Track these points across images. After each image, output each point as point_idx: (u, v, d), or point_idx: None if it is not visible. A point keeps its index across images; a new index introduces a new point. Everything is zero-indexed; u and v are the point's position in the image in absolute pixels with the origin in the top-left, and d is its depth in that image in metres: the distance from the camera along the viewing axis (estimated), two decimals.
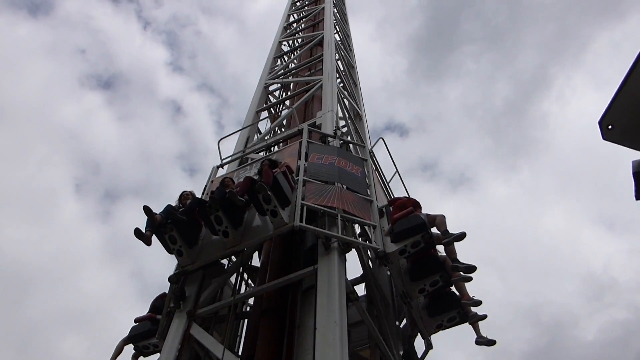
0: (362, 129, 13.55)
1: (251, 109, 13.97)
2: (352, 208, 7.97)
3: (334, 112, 11.26)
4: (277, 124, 13.11)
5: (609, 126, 3.33)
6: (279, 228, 7.39)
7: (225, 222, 7.45)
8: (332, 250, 7.27)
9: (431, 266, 7.88)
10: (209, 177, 10.45)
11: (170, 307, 7.84)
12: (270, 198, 7.19)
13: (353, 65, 17.78)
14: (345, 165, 9.02)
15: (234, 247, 7.63)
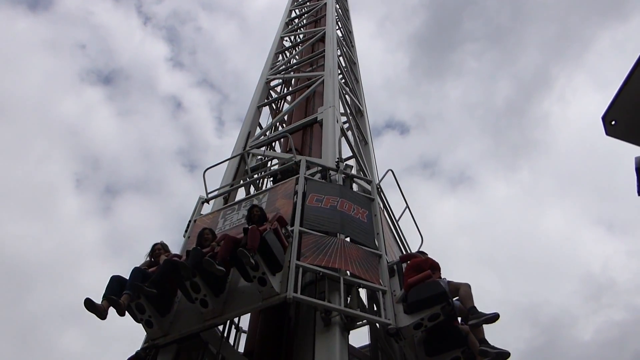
0: (364, 125, 13.32)
1: (252, 104, 13.63)
2: (358, 268, 6.66)
3: (335, 108, 10.92)
4: (279, 119, 12.90)
5: (612, 122, 3.24)
6: (269, 299, 6.08)
7: (204, 290, 6.13)
8: (333, 327, 5.99)
9: (452, 340, 6.54)
10: (193, 211, 9.13)
11: None
12: (257, 265, 5.87)
13: (355, 61, 17.63)
14: (349, 208, 7.68)
15: (215, 318, 6.30)
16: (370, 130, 13.36)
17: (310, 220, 7.23)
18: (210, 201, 9.35)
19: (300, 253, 6.57)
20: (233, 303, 6.37)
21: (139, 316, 6.37)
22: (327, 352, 5.77)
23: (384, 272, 6.89)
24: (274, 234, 6.26)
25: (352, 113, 13.13)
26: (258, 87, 14.59)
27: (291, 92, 14.34)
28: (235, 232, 7.26)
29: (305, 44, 16.81)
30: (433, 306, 6.21)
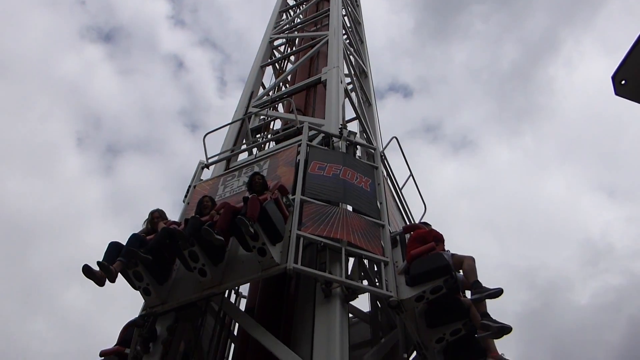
0: (368, 87, 13.11)
1: (255, 63, 13.43)
2: (360, 239, 6.53)
3: (339, 68, 10.75)
4: (282, 79, 12.62)
5: (622, 81, 3.21)
6: (268, 269, 5.97)
7: (202, 259, 6.01)
8: (334, 299, 5.90)
9: (453, 312, 6.46)
10: (193, 176, 8.97)
11: (137, 351, 6.50)
12: (257, 234, 5.73)
13: (360, 21, 17.34)
14: (352, 176, 7.50)
15: (213, 288, 6.20)
16: (374, 92, 13.27)
17: (312, 189, 7.06)
18: (211, 166, 9.16)
19: (301, 223, 6.43)
20: (232, 273, 6.26)
21: (136, 284, 6.28)
22: (327, 324, 5.70)
23: (387, 242, 6.76)
24: (274, 203, 6.11)
25: (356, 74, 12.97)
26: (261, 46, 14.37)
27: (295, 52, 14.15)
28: (235, 200, 7.12)
29: (309, 3, 16.54)
30: (436, 279, 6.09)
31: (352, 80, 12.48)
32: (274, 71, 14.06)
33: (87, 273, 5.80)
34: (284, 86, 12.73)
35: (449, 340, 6.52)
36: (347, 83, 11.90)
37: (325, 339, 5.58)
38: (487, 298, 5.83)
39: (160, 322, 6.65)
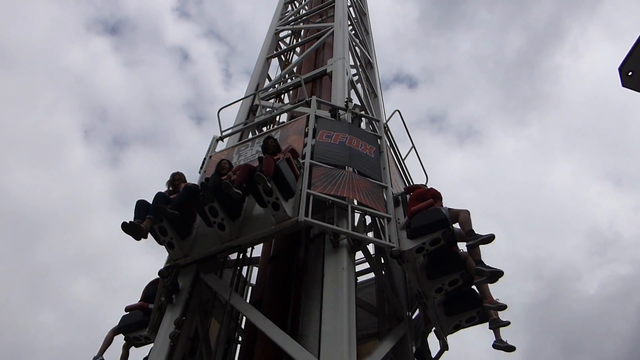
0: (374, 78, 13.23)
1: (261, 55, 13.62)
2: (364, 197, 7.11)
3: (344, 60, 10.93)
4: (288, 71, 12.73)
5: (629, 73, 3.22)
6: (282, 222, 6.57)
7: (221, 214, 6.62)
8: (341, 249, 6.48)
9: (451, 264, 7.04)
10: (208, 149, 9.57)
11: (162, 301, 7.12)
12: (272, 190, 6.33)
13: (365, 12, 17.37)
14: (357, 144, 8.09)
15: (231, 241, 6.82)
16: (380, 83, 13.44)
17: (320, 154, 7.64)
18: (225, 140, 9.76)
19: (310, 183, 7.01)
20: (248, 227, 6.87)
21: (161, 238, 6.90)
22: (335, 271, 6.26)
23: (389, 202, 7.33)
24: (287, 162, 6.70)
25: (361, 65, 13.13)
26: (267, 38, 14.58)
27: (300, 43, 14.29)
28: None
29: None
30: (434, 231, 6.67)
31: (357, 71, 12.62)
32: (279, 63, 14.15)
33: (126, 229, 6.44)
34: (290, 78, 12.71)
35: (447, 290, 7.11)
36: (353, 74, 12.08)
37: (333, 283, 6.14)
38: (480, 244, 6.41)
39: (182, 276, 7.28)
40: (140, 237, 6.56)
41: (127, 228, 6.45)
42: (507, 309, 6.95)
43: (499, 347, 7.01)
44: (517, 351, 7.07)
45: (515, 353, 7.04)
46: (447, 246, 6.87)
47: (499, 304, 6.85)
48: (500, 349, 7.02)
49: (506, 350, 6.98)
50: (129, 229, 6.46)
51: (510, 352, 6.98)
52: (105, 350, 7.76)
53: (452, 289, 7.10)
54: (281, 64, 14.18)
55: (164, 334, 6.82)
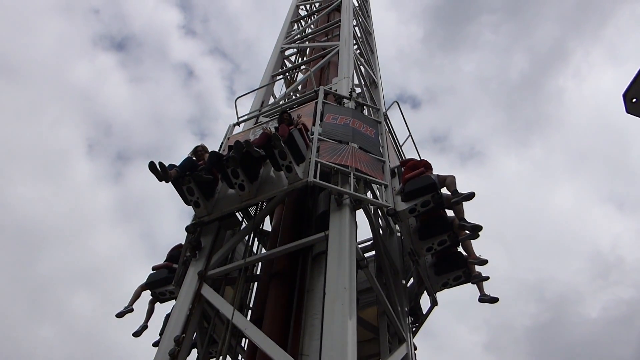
0: (378, 97, 13.47)
1: (267, 72, 13.99)
2: (365, 167, 8.18)
3: (349, 79, 11.30)
4: (293, 89, 13.13)
5: (633, 99, 3.29)
6: (293, 183, 7.63)
7: (242, 176, 7.69)
8: (344, 207, 7.50)
9: (440, 226, 8.11)
10: (225, 134, 10.68)
11: (187, 256, 8.15)
12: (286, 153, 7.41)
13: (370, 32, 17.72)
14: (359, 126, 9.20)
15: (249, 200, 7.89)
16: (384, 102, 13.42)
17: (326, 131, 8.75)
18: (241, 125, 10.90)
19: (318, 154, 8.10)
20: (264, 188, 7.95)
21: (189, 198, 7.97)
22: (339, 224, 7.27)
23: (387, 173, 8.40)
24: (299, 132, 7.80)
25: (366, 84, 13.40)
26: (272, 56, 14.83)
27: (306, 62, 14.42)
28: None
29: (320, 13, 16.98)
30: (425, 194, 7.74)
31: (362, 90, 12.80)
32: (284, 81, 14.28)
33: (152, 168, 7.45)
34: (294, 95, 12.85)
35: (436, 249, 8.16)
36: (358, 93, 11.96)
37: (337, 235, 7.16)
38: (462, 200, 7.50)
39: (204, 235, 8.33)
40: (163, 179, 7.51)
41: (154, 168, 7.41)
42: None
43: (484, 300, 8.00)
44: None
45: None
46: (436, 209, 7.93)
47: (481, 259, 7.88)
48: (485, 301, 8.01)
49: (491, 302, 7.97)
50: (155, 169, 7.41)
51: (494, 303, 7.96)
52: (134, 302, 8.78)
53: (440, 248, 8.16)
54: (286, 82, 14.25)
55: (187, 286, 7.83)
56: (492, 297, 7.95)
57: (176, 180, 7.83)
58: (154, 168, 7.43)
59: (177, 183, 7.87)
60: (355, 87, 12.26)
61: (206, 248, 8.21)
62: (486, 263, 7.93)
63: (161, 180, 7.52)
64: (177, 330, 6.94)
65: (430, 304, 8.72)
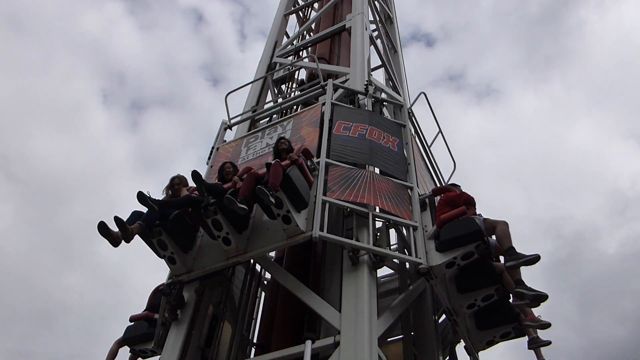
0: (393, 33, 12.79)
1: (278, 12, 13.13)
2: (388, 203, 6.32)
3: (363, 15, 10.52)
4: (306, 28, 12.46)
5: None
6: (294, 237, 5.82)
7: (226, 228, 5.89)
8: (361, 266, 5.74)
9: (485, 277, 6.27)
10: (215, 137, 8.83)
11: (165, 318, 6.52)
12: (281, 202, 5.56)
13: None
14: (379, 136, 7.23)
15: (238, 256, 6.10)
16: (400, 38, 12.83)
17: (337, 151, 6.82)
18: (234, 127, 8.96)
19: (326, 187, 6.22)
20: (257, 240, 6.14)
21: (161, 253, 6.24)
22: (355, 293, 5.54)
23: (415, 206, 6.53)
24: (298, 169, 5.89)
25: (381, 20, 12.58)
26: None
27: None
28: (259, 163, 6.97)
29: None
30: (467, 244, 5.89)
31: (377, 26, 12.07)
32: (297, 20, 13.76)
33: (103, 232, 5.70)
34: (308, 35, 12.48)
35: (480, 306, 6.37)
36: (372, 30, 11.53)
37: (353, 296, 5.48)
38: (523, 265, 5.59)
39: (187, 289, 6.66)
40: (118, 243, 5.80)
41: (103, 231, 5.68)
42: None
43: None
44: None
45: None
46: (481, 260, 6.08)
47: (542, 322, 6.07)
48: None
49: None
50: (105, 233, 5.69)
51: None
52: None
53: (485, 304, 6.36)
54: (299, 21, 13.76)
55: (169, 352, 6.29)
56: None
57: (142, 234, 6.06)
58: (104, 230, 5.64)
59: (145, 236, 6.11)
60: (370, 22, 11.44)
61: (190, 304, 6.58)
62: (549, 326, 6.12)
63: (116, 245, 5.74)
64: None
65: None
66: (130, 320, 7.40)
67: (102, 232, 5.65)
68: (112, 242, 5.74)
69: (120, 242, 5.78)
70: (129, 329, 7.25)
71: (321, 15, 12.43)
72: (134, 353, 7.34)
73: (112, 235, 5.70)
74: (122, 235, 5.76)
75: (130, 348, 7.29)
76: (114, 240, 5.73)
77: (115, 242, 5.75)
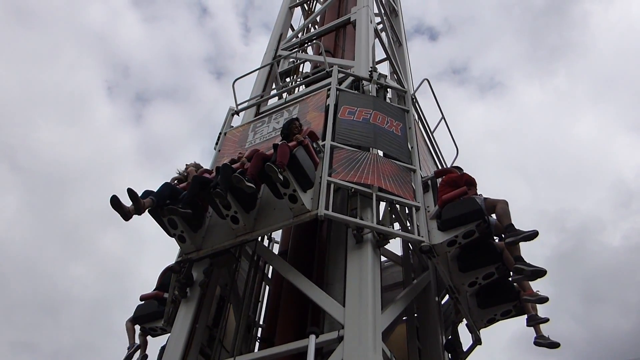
0: (398, 26, 12.82)
1: (284, 4, 13.11)
2: (391, 184, 6.48)
3: (369, 8, 10.56)
4: (312, 20, 12.45)
5: None
6: (300, 216, 6.00)
7: (234, 207, 6.08)
8: (365, 244, 5.92)
9: (486, 255, 6.43)
10: (223, 123, 8.99)
11: (175, 295, 6.73)
12: (288, 181, 5.74)
13: None
14: (382, 121, 7.39)
15: (246, 235, 6.29)
16: (404, 31, 12.86)
17: (342, 134, 6.99)
18: (241, 112, 9.14)
19: (331, 169, 6.40)
20: (264, 219, 6.32)
21: (171, 231, 6.44)
22: (359, 270, 5.71)
23: (418, 187, 6.70)
24: (304, 149, 6.07)
25: (386, 13, 12.57)
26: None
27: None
28: (266, 147, 7.13)
29: None
30: (468, 223, 6.05)
31: (382, 19, 12.12)
32: (302, 12, 13.73)
33: (115, 205, 5.90)
34: (313, 27, 12.52)
35: (481, 284, 6.54)
36: (377, 23, 11.62)
37: (357, 284, 5.59)
38: (522, 241, 5.76)
39: (196, 267, 6.84)
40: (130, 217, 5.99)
41: (116, 205, 5.87)
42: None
43: (542, 344, 6.44)
44: None
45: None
46: (482, 238, 6.25)
47: (540, 297, 6.20)
48: (543, 345, 6.44)
49: (550, 347, 6.42)
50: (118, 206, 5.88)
51: (555, 348, 6.43)
52: (133, 337, 7.50)
53: (486, 282, 6.53)
54: (304, 13, 13.71)
55: (179, 329, 6.49)
56: (551, 342, 6.38)
57: (153, 212, 6.26)
58: (116, 204, 5.83)
59: (156, 214, 6.31)
60: (375, 15, 11.44)
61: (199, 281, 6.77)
62: (547, 301, 6.27)
63: (127, 218, 5.93)
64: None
65: (472, 341, 7.19)
66: (140, 299, 7.60)
67: (115, 206, 5.83)
68: (123, 216, 5.92)
69: (131, 216, 5.96)
70: (139, 307, 7.46)
71: (326, 8, 12.48)
72: (143, 331, 7.55)
73: (124, 209, 5.88)
74: (134, 208, 5.95)
75: (140, 326, 7.52)
76: (125, 214, 5.91)
77: (126, 215, 5.93)
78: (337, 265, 6.41)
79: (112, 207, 5.85)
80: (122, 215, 5.92)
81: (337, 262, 6.46)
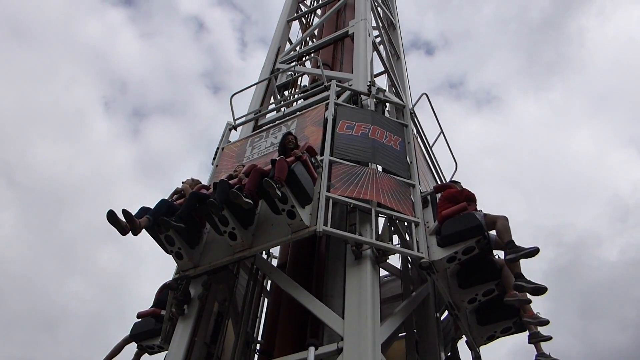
0: (396, 39, 12.80)
1: (281, 18, 13.20)
2: (390, 199, 6.43)
3: (367, 21, 10.60)
4: (309, 34, 12.45)
5: None
6: (298, 232, 5.94)
7: (232, 223, 6.02)
8: (364, 260, 5.86)
9: (486, 272, 6.39)
10: (221, 138, 8.97)
11: (172, 313, 6.65)
12: (285, 197, 5.69)
13: None
14: (381, 135, 7.36)
15: (244, 251, 6.23)
16: (402, 45, 12.84)
17: (340, 149, 6.96)
18: (239, 127, 9.11)
19: (330, 184, 6.35)
20: (262, 235, 6.26)
21: (168, 248, 6.37)
22: (358, 286, 5.65)
23: (417, 202, 6.65)
24: (302, 165, 6.03)
25: (384, 26, 12.61)
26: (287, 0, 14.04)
27: (321, 4, 13.75)
28: (264, 162, 7.09)
29: None
30: (468, 239, 6.00)
31: (380, 33, 12.12)
32: (300, 26, 13.78)
33: (112, 220, 5.80)
34: (311, 40, 12.51)
35: (481, 301, 6.48)
36: (375, 36, 11.62)
37: (356, 298, 5.56)
38: (523, 258, 5.69)
39: (193, 284, 6.77)
40: (126, 232, 5.87)
41: (112, 219, 5.74)
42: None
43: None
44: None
45: None
46: (482, 254, 6.20)
47: (541, 319, 6.14)
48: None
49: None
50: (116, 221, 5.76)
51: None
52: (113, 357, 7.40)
53: (486, 299, 6.47)
54: (302, 27, 13.74)
55: (176, 347, 6.40)
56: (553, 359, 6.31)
57: (150, 229, 6.19)
58: (113, 219, 5.75)
59: (152, 231, 6.25)
60: (373, 29, 11.45)
61: (197, 300, 6.69)
62: (547, 323, 6.20)
63: (124, 233, 5.86)
64: None
65: (471, 358, 7.11)
66: (137, 316, 7.51)
67: (111, 221, 5.76)
68: (120, 230, 5.83)
69: (128, 231, 5.88)
70: (136, 325, 7.35)
71: (324, 21, 12.51)
72: (140, 349, 7.46)
73: (121, 224, 5.79)
74: (130, 228, 5.88)
75: (137, 344, 7.43)
76: (122, 228, 5.81)
77: (124, 230, 5.84)
78: (336, 278, 6.37)
79: (108, 221, 5.78)
80: (119, 229, 5.84)
81: (336, 275, 6.42)
